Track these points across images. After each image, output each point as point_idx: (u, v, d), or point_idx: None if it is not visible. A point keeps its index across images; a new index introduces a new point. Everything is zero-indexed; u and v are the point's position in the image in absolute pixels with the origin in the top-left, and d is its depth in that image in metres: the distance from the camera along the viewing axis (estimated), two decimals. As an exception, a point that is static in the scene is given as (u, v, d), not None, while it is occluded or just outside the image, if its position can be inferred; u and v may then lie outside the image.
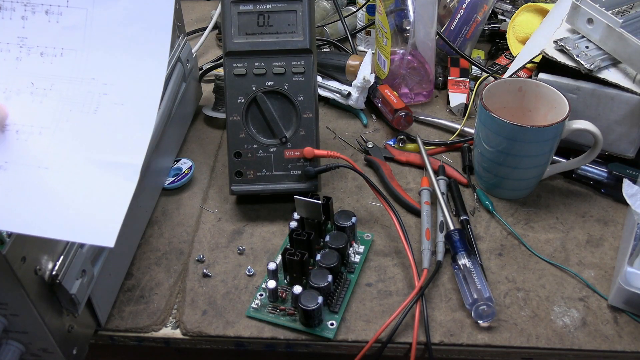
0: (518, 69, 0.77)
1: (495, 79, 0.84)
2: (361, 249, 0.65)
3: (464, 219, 0.68)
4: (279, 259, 0.64)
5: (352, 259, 0.64)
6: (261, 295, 0.61)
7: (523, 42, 0.92)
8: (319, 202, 0.62)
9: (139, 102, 0.45)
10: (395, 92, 0.84)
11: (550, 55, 0.70)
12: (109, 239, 0.41)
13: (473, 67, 0.94)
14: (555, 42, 0.70)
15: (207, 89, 0.92)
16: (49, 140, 0.43)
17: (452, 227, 0.64)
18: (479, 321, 0.58)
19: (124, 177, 0.43)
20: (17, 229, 0.41)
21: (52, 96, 0.44)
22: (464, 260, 0.60)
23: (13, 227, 0.40)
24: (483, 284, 0.58)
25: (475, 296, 0.57)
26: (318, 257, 0.60)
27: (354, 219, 0.63)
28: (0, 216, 0.41)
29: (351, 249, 0.64)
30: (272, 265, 0.59)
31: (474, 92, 0.87)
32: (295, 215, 0.64)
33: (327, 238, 0.62)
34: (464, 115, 0.85)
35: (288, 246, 0.62)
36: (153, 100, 0.45)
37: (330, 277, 0.58)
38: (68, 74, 0.45)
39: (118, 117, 0.44)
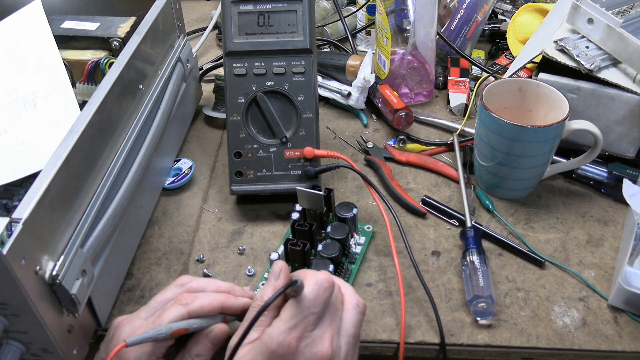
0: (518, 69, 0.77)
1: (496, 79, 0.84)
2: (362, 240, 0.66)
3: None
4: (281, 249, 0.64)
5: (353, 250, 0.64)
6: (261, 295, 0.61)
7: (523, 42, 0.92)
8: (321, 193, 0.62)
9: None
10: (395, 92, 0.84)
11: (550, 55, 0.70)
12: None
13: (473, 67, 0.93)
14: (555, 42, 0.70)
15: (207, 89, 0.92)
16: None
17: (469, 224, 0.65)
18: (477, 318, 0.58)
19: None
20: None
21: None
22: (472, 257, 0.61)
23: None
24: (486, 282, 0.58)
25: (477, 293, 0.57)
26: (320, 247, 0.60)
27: (355, 211, 0.64)
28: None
29: (352, 239, 0.65)
30: (274, 255, 0.60)
31: (474, 92, 0.87)
32: (298, 207, 0.64)
33: (329, 229, 0.62)
34: (464, 115, 0.85)
35: (290, 237, 0.62)
36: None
37: (331, 267, 0.58)
38: None
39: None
